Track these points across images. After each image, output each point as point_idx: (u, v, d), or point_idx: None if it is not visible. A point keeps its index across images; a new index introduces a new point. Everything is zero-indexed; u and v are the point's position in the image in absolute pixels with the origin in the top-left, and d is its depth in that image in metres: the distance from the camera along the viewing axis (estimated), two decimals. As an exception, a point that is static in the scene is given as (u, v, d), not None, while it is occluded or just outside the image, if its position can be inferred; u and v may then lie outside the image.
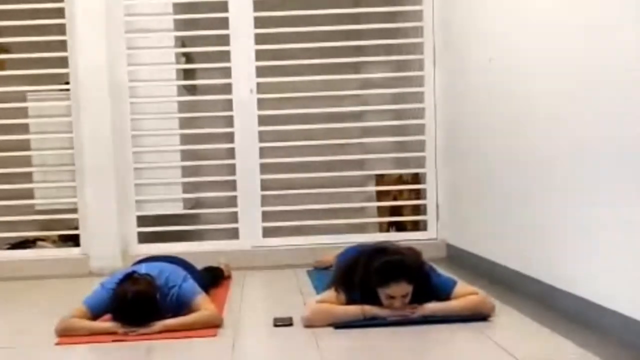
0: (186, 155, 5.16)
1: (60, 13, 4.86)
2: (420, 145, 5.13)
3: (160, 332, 3.04)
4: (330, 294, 3.22)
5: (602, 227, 2.83)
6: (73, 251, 5.00)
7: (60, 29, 4.87)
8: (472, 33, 4.37)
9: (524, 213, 3.62)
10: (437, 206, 5.09)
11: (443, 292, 3.15)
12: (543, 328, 2.97)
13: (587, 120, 2.93)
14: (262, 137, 5.07)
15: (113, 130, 4.87)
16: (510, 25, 3.73)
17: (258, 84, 5.02)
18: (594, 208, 2.89)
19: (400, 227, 5.32)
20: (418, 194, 5.27)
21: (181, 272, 3.38)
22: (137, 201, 5.02)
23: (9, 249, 5.13)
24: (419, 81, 5.10)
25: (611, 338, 2.73)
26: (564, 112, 3.14)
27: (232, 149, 5.07)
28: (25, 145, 5.03)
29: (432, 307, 3.08)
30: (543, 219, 3.38)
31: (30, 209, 5.08)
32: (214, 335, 3.06)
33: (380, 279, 3.03)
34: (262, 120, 5.06)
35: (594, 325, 2.87)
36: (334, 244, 4.65)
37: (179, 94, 5.13)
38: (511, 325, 3.07)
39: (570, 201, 3.11)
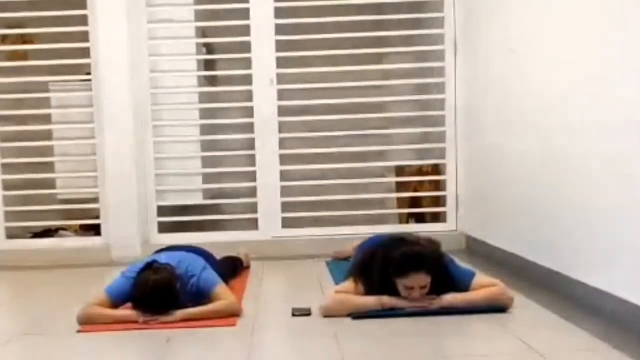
0: (206, 145, 5.19)
1: (82, 4, 4.89)
2: (441, 137, 5.11)
3: (180, 321, 3.07)
4: (349, 284, 3.23)
5: (624, 219, 2.81)
6: (94, 240, 5.05)
7: (82, 20, 4.90)
8: (493, 24, 4.34)
9: (543, 205, 3.59)
10: (457, 198, 5.08)
11: (462, 283, 3.15)
12: (562, 320, 2.96)
13: (610, 109, 2.90)
14: (282, 128, 5.08)
15: (134, 121, 4.91)
16: (531, 16, 3.70)
17: (278, 75, 5.03)
18: (614, 200, 2.87)
19: (420, 218, 5.32)
20: (438, 186, 5.26)
21: (201, 262, 3.40)
22: (157, 191, 5.06)
23: (31, 238, 5.19)
24: (440, 72, 5.07)
25: (631, 330, 2.71)
26: (585, 102, 3.11)
27: (252, 140, 5.08)
28: (47, 136, 5.08)
29: (450, 298, 3.08)
30: (563, 211, 3.36)
31: (53, 199, 5.14)
32: (233, 325, 3.08)
33: (399, 270, 3.03)
34: (282, 111, 5.07)
35: (614, 318, 2.85)
36: (354, 235, 4.66)
37: (200, 85, 5.15)
38: (530, 317, 3.06)
39: (590, 193, 3.08)
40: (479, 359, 2.57)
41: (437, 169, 5.26)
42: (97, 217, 5.05)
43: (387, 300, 3.08)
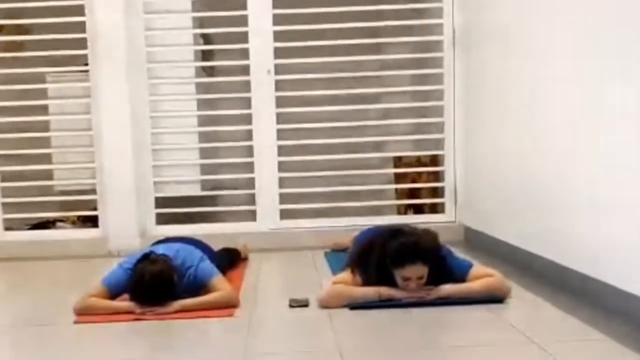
0: (204, 136, 5.17)
1: (79, -5, 4.87)
2: (439, 127, 5.10)
3: (177, 311, 3.07)
4: (347, 275, 3.23)
5: (620, 209, 2.80)
6: (92, 232, 5.04)
7: (79, 10, 4.87)
8: (492, 14, 4.32)
9: (541, 195, 3.59)
10: (455, 189, 5.07)
11: (459, 274, 3.15)
12: (559, 311, 2.96)
13: (610, 101, 2.89)
14: (280, 118, 5.06)
15: (131, 112, 4.89)
16: (531, 7, 3.69)
17: (276, 65, 5.01)
18: (612, 190, 2.86)
19: (418, 209, 5.31)
20: (436, 177, 5.25)
21: (198, 253, 3.40)
22: (155, 183, 5.05)
23: (29, 229, 5.18)
24: (438, 62, 5.05)
25: (628, 321, 2.71)
26: (584, 93, 3.10)
27: (250, 131, 5.07)
28: (44, 127, 5.07)
29: (448, 288, 3.08)
30: (561, 201, 3.35)
31: (50, 190, 5.13)
32: (230, 316, 3.08)
33: (396, 261, 3.03)
34: (280, 102, 5.05)
35: (610, 308, 2.85)
36: (352, 226, 4.66)
37: (197, 75, 5.14)
38: (527, 308, 3.06)
39: (588, 183, 3.08)
40: (476, 349, 2.57)
41: (435, 160, 5.25)
42: (95, 209, 5.04)
43: (384, 291, 3.08)
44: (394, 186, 5.42)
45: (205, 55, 5.38)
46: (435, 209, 5.27)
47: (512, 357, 2.45)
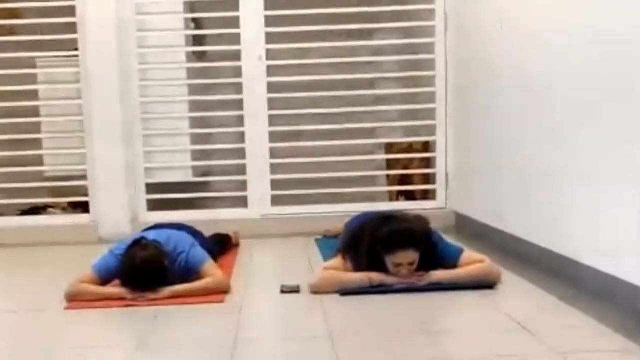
0: (195, 122, 5.15)
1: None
2: (431, 114, 5.09)
3: (168, 297, 3.07)
4: (338, 261, 3.23)
5: (611, 197, 2.81)
6: (82, 218, 5.02)
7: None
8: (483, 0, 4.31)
9: (532, 182, 3.59)
10: (447, 175, 5.07)
11: (450, 260, 3.16)
12: (549, 296, 2.97)
13: (599, 85, 2.89)
14: (272, 104, 5.04)
15: (122, 97, 4.86)
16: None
17: (267, 51, 4.98)
18: (604, 178, 2.87)
19: (409, 196, 5.31)
20: (428, 163, 5.24)
21: (189, 239, 3.40)
22: (146, 169, 5.02)
23: (19, 215, 5.15)
24: (430, 48, 5.04)
25: (618, 306, 2.72)
26: (575, 80, 3.10)
27: (242, 117, 5.05)
28: (34, 112, 5.03)
29: (438, 274, 3.09)
30: (552, 189, 3.36)
31: (40, 176, 5.09)
32: (222, 302, 3.09)
33: (387, 247, 3.03)
34: (272, 88, 5.03)
35: (601, 294, 2.86)
36: (343, 212, 4.64)
37: (188, 61, 5.11)
38: (517, 293, 3.07)
39: (580, 171, 3.08)
40: (466, 334, 2.58)
41: (426, 146, 5.25)
42: (85, 195, 5.01)
43: (375, 277, 3.09)
44: (385, 172, 5.41)
45: (196, 40, 5.34)
46: (426, 195, 5.26)
47: (503, 341, 2.46)
